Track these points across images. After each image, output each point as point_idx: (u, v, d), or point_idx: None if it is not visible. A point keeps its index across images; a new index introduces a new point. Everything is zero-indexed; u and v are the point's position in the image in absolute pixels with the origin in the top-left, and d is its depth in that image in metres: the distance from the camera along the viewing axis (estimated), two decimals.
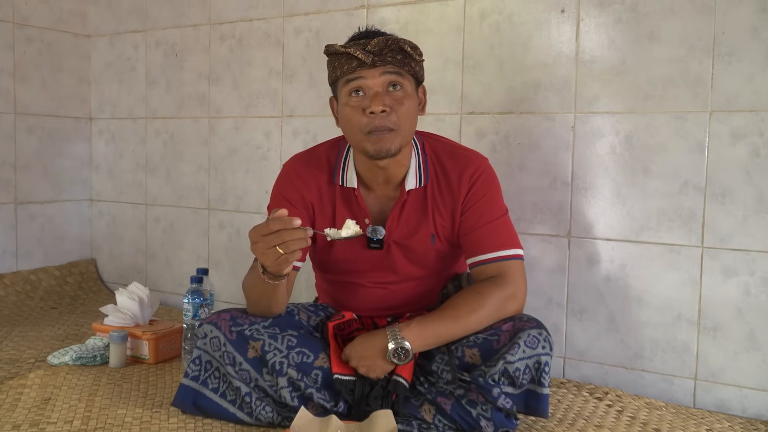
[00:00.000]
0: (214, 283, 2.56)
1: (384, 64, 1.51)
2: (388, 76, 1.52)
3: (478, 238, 1.59)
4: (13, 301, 2.60)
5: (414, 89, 1.57)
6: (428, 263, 1.67)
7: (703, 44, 1.75)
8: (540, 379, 1.50)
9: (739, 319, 1.75)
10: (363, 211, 1.63)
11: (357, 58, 1.50)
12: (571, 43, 1.92)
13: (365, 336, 1.54)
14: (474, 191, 1.60)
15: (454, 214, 1.62)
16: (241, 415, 1.54)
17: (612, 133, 1.88)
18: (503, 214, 1.62)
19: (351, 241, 1.64)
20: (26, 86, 2.71)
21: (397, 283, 1.68)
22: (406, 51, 1.53)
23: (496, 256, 1.57)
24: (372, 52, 1.50)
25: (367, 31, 1.60)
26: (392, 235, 1.63)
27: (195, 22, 2.61)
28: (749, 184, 1.72)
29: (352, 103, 1.54)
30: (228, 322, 1.56)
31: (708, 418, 1.70)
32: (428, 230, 1.63)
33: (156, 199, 2.77)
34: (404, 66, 1.53)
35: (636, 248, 1.86)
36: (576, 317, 1.95)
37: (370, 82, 1.52)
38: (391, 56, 1.51)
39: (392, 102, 1.52)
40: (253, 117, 2.50)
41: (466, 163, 1.63)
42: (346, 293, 1.73)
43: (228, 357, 1.54)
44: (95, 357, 1.96)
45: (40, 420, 1.55)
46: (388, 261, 1.65)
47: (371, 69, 1.51)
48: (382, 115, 1.50)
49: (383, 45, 1.51)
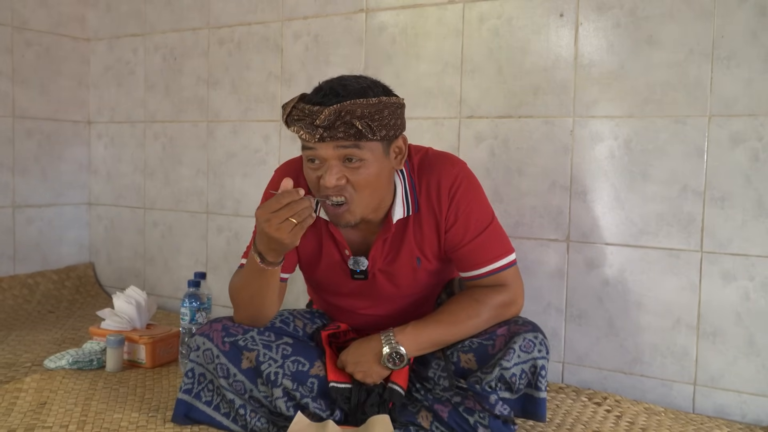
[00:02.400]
0: (212, 287, 2.55)
1: (335, 139, 1.36)
2: (341, 150, 1.38)
3: (469, 253, 1.53)
4: (11, 304, 2.59)
5: (382, 151, 1.42)
6: (417, 284, 1.62)
7: (702, 48, 1.75)
8: (537, 383, 1.48)
9: (739, 324, 1.74)
10: (341, 243, 1.57)
11: (306, 133, 1.37)
12: (569, 48, 1.92)
13: (360, 341, 1.53)
14: (455, 204, 1.51)
15: (439, 231, 1.54)
16: (235, 428, 1.52)
17: (611, 138, 1.87)
18: (490, 221, 1.55)
19: (335, 270, 1.59)
20: (25, 90, 2.70)
21: (386, 307, 1.65)
22: (361, 127, 1.36)
23: (491, 269, 1.53)
24: (321, 126, 1.35)
25: (325, 92, 1.39)
26: (376, 264, 1.58)
27: (194, 26, 2.61)
28: (748, 189, 1.71)
29: (309, 167, 1.43)
30: (221, 333, 1.52)
31: (707, 423, 1.69)
32: (412, 253, 1.56)
33: (154, 202, 2.77)
34: (362, 138, 1.37)
35: (635, 253, 1.86)
36: (575, 322, 1.95)
37: (323, 153, 1.39)
38: (343, 129, 1.35)
39: (349, 174, 1.40)
40: (251, 121, 2.50)
41: (442, 174, 1.52)
42: (338, 314, 1.70)
43: (222, 369, 1.50)
44: (92, 361, 1.95)
45: (36, 424, 1.55)
46: (375, 289, 1.61)
47: (322, 143, 1.38)
48: (335, 188, 1.40)
49: (335, 118, 1.34)
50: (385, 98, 1.40)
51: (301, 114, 1.38)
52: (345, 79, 1.42)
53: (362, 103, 1.36)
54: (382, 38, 2.21)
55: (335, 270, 1.61)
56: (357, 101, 1.36)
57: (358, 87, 1.39)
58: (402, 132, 1.47)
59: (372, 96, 1.39)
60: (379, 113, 1.38)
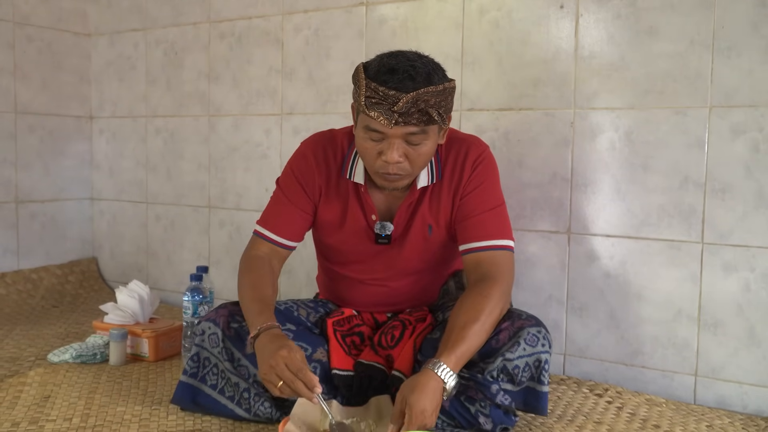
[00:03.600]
0: (214, 280, 2.56)
1: (409, 124, 1.42)
2: (410, 133, 1.44)
3: (476, 224, 1.57)
4: (15, 299, 2.61)
5: (437, 130, 1.49)
6: (426, 254, 1.65)
7: (703, 39, 1.75)
8: (540, 377, 1.49)
9: (740, 315, 1.74)
10: (370, 208, 1.62)
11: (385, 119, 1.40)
12: (570, 39, 1.92)
13: (422, 389, 1.35)
14: (475, 176, 1.58)
15: (455, 198, 1.60)
16: (239, 411, 1.54)
17: (611, 129, 1.87)
18: (500, 204, 1.60)
19: (359, 234, 1.64)
20: (27, 85, 2.71)
21: (396, 279, 1.67)
22: (435, 115, 1.41)
23: (489, 245, 1.55)
24: (398, 112, 1.40)
25: (399, 76, 1.41)
26: (399, 229, 1.63)
27: (194, 20, 2.61)
28: (749, 180, 1.71)
29: (367, 139, 1.47)
30: (227, 318, 1.56)
31: (708, 414, 1.69)
32: (425, 220, 1.61)
33: (156, 197, 2.77)
34: (432, 123, 1.44)
35: (636, 244, 1.86)
36: (576, 314, 1.95)
37: (391, 133, 1.44)
38: (418, 116, 1.41)
39: (409, 150, 1.46)
40: (252, 115, 2.50)
41: (470, 147, 1.60)
42: (346, 289, 1.72)
43: (227, 353, 1.54)
44: (95, 355, 1.96)
45: (40, 417, 1.56)
46: (391, 255, 1.65)
47: (396, 126, 1.42)
48: (396, 164, 1.46)
49: (411, 105, 1.39)
50: (447, 83, 1.45)
51: (378, 97, 1.41)
52: (410, 58, 1.45)
53: (434, 91, 1.41)
54: (382, 31, 2.21)
55: (359, 234, 1.63)
56: (429, 89, 1.41)
57: (426, 71, 1.43)
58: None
59: (438, 81, 1.44)
60: (445, 100, 1.45)
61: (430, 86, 1.41)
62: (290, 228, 1.64)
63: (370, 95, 1.42)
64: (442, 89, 1.43)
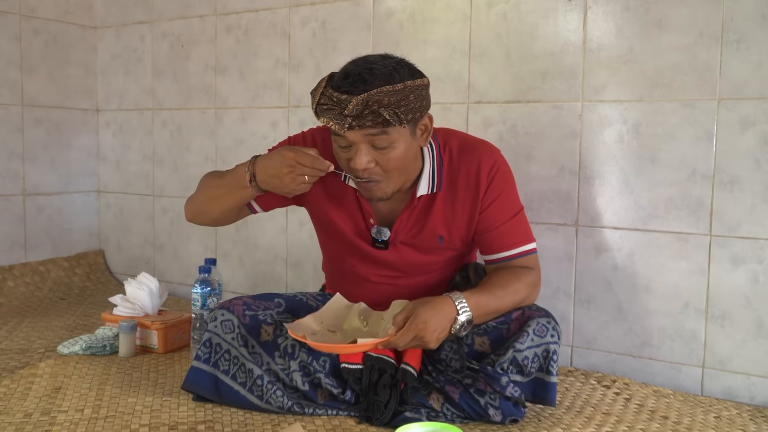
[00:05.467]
0: (222, 273, 2.57)
1: (363, 127, 1.40)
2: (370, 137, 1.43)
3: (500, 235, 1.58)
4: (23, 292, 2.62)
5: (409, 132, 1.46)
6: (436, 262, 1.65)
7: (712, 31, 1.75)
8: (548, 368, 1.50)
9: (748, 307, 1.74)
10: (367, 212, 1.61)
11: (335, 124, 1.41)
12: (578, 32, 1.92)
13: (433, 306, 1.42)
14: (493, 187, 1.57)
15: (473, 211, 1.58)
16: (252, 398, 1.54)
17: (620, 122, 1.87)
18: (520, 209, 1.62)
19: (356, 237, 1.64)
20: (33, 78, 2.71)
21: (403, 278, 1.68)
22: (389, 116, 1.39)
23: (518, 252, 1.59)
24: (350, 116, 1.39)
25: (352, 79, 1.41)
26: (399, 236, 1.62)
27: (201, 12, 2.61)
28: (758, 172, 1.71)
29: (337, 147, 1.49)
30: (241, 306, 1.59)
31: (716, 405, 1.70)
32: (435, 231, 1.60)
33: (163, 190, 2.78)
34: (389, 125, 1.41)
35: (644, 237, 1.86)
36: (583, 306, 1.96)
37: (351, 138, 1.43)
38: (371, 118, 1.39)
39: (378, 155, 1.45)
40: (259, 107, 2.50)
41: (483, 156, 1.58)
42: (354, 285, 1.72)
43: (241, 339, 1.56)
44: (105, 347, 1.97)
45: (51, 408, 1.57)
46: (395, 260, 1.64)
47: (351, 131, 1.41)
48: (365, 171, 1.46)
49: (362, 107, 1.38)
50: (410, 82, 1.42)
51: (330, 103, 1.41)
52: (371, 61, 1.44)
53: (388, 91, 1.38)
54: (389, 24, 2.21)
55: (356, 236, 1.64)
56: (383, 89, 1.38)
57: (385, 71, 1.41)
58: (427, 111, 1.50)
59: (398, 81, 1.41)
60: (404, 99, 1.41)
61: (385, 86, 1.38)
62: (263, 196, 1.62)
63: (323, 102, 1.43)
64: (402, 88, 1.40)
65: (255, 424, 1.50)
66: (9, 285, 2.60)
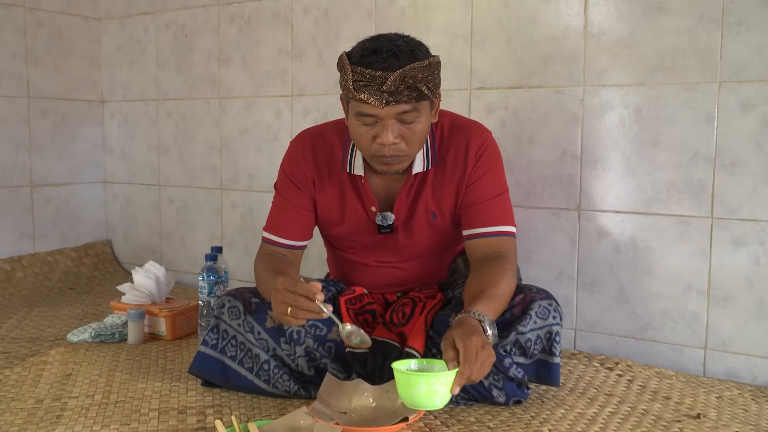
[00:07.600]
0: (228, 261, 2.59)
1: (400, 102, 1.42)
2: (402, 113, 1.44)
3: (482, 210, 1.59)
4: (32, 282, 2.65)
5: (429, 107, 1.50)
6: (431, 239, 1.67)
7: (712, 14, 1.75)
8: (551, 349, 1.51)
9: (749, 289, 1.76)
10: (370, 200, 1.63)
11: (375, 99, 1.40)
12: (579, 16, 1.92)
13: (468, 336, 1.31)
14: (480, 164, 1.59)
15: (460, 187, 1.61)
16: (259, 382, 1.57)
17: (621, 106, 1.88)
18: (505, 191, 1.62)
19: (359, 226, 1.65)
20: (38, 70, 2.73)
21: (402, 261, 1.70)
22: (426, 90, 1.43)
23: (497, 230, 1.58)
24: (387, 92, 1.40)
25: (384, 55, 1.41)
26: (400, 217, 1.64)
27: (204, 2, 2.62)
28: (759, 154, 1.72)
29: (360, 125, 1.48)
30: (248, 294, 1.62)
31: (718, 386, 1.72)
32: (428, 207, 1.62)
33: (169, 180, 2.80)
34: (423, 99, 1.45)
35: (646, 220, 1.87)
36: (586, 289, 1.97)
37: (383, 114, 1.44)
38: (407, 93, 1.42)
39: (403, 130, 1.47)
40: (263, 96, 2.52)
41: (472, 135, 1.61)
42: (356, 272, 1.74)
43: (247, 325, 1.58)
44: (114, 334, 2.00)
45: (62, 394, 1.59)
46: (394, 242, 1.66)
47: (387, 106, 1.42)
48: (392, 145, 1.47)
49: (400, 82, 1.40)
50: (432, 59, 1.47)
51: (367, 81, 1.42)
52: (391, 39, 1.46)
53: (419, 66, 1.42)
54: (391, 11, 2.22)
55: (360, 226, 1.65)
56: (415, 65, 1.42)
57: (408, 48, 1.44)
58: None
59: (422, 57, 1.45)
60: (432, 74, 1.45)
61: (416, 62, 1.42)
62: (295, 228, 1.66)
63: (357, 79, 1.43)
64: (428, 64, 1.44)
65: (262, 407, 1.53)
66: (18, 275, 2.63)
